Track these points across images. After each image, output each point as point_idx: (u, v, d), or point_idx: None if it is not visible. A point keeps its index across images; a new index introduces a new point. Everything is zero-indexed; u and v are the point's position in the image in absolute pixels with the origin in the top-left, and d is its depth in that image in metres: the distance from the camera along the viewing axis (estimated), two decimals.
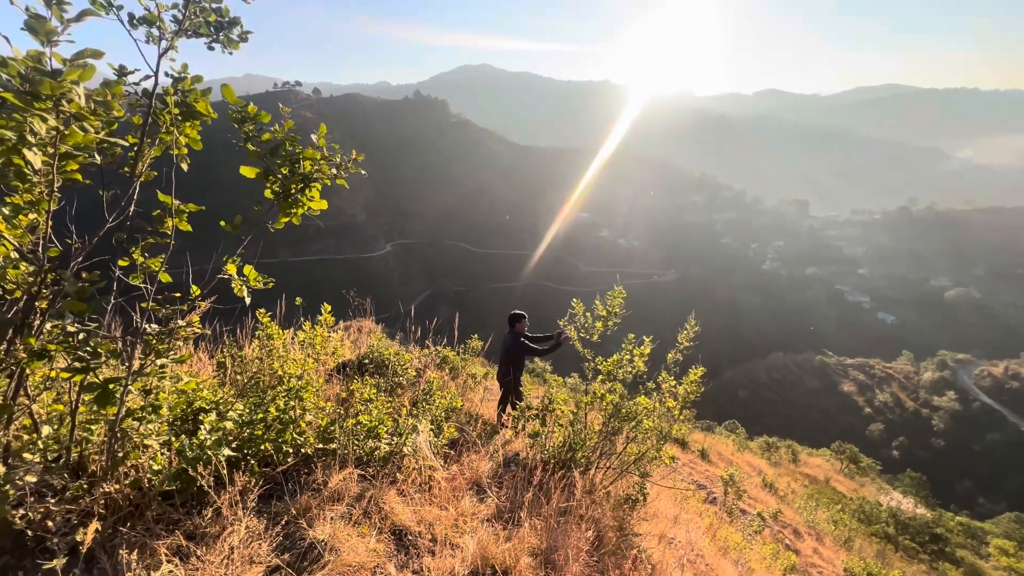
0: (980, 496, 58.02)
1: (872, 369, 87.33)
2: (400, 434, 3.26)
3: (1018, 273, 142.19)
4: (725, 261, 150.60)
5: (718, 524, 6.87)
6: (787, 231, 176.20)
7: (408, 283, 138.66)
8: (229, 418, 2.60)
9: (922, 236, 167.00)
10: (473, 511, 3.18)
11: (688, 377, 4.79)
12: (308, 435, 2.86)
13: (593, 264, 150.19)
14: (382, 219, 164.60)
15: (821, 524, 12.53)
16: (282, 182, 2.56)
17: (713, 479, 11.81)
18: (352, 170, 2.81)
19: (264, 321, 4.24)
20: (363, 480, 2.89)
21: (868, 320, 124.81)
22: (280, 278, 12.69)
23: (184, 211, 2.47)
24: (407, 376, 4.76)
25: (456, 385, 6.50)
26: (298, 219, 2.73)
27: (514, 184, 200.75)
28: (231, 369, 3.84)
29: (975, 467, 64.20)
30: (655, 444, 4.55)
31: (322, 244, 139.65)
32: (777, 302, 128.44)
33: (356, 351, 5.45)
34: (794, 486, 16.79)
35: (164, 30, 2.01)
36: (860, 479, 24.59)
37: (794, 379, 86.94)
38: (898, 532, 14.86)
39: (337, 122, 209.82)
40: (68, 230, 2.08)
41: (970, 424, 70.29)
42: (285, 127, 2.55)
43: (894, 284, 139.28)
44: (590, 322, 4.86)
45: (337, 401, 3.58)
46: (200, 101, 2.45)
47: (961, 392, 76.49)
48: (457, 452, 4.08)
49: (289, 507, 2.46)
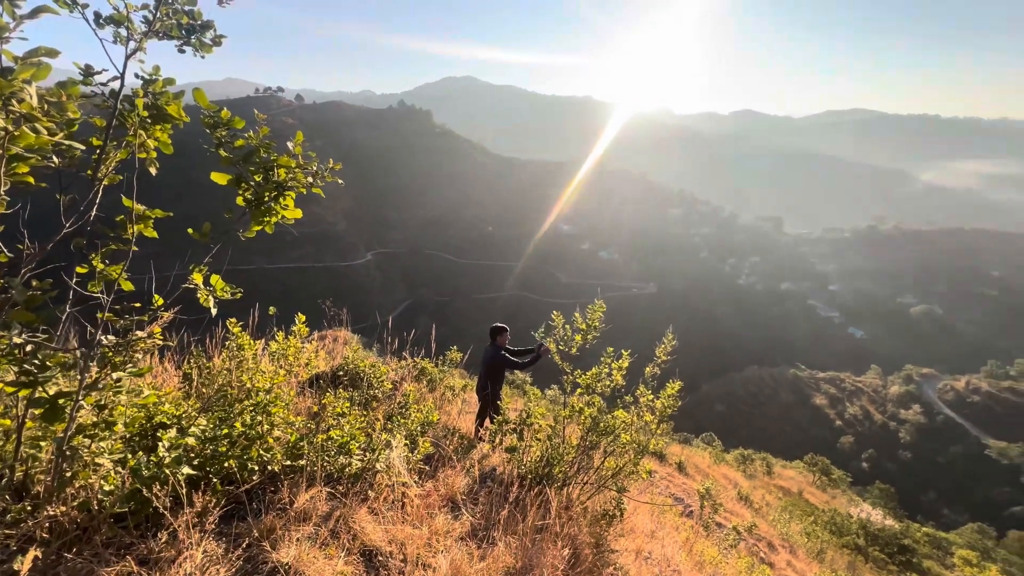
0: (944, 507, 59.82)
1: (843, 383, 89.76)
2: (373, 449, 3.16)
3: (977, 291, 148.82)
4: (703, 275, 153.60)
5: (694, 538, 6.87)
6: (762, 247, 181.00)
7: (388, 293, 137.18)
8: (191, 434, 2.47)
9: (889, 254, 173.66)
10: (447, 529, 3.10)
11: (666, 391, 4.81)
12: (276, 451, 2.75)
13: (574, 276, 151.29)
14: (363, 227, 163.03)
15: (795, 537, 12.68)
16: (255, 190, 2.49)
17: (690, 492, 11.87)
18: (329, 179, 2.75)
19: (234, 331, 4.10)
20: (333, 498, 2.78)
21: (839, 335, 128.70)
22: (255, 286, 12.73)
23: (150, 216, 2.37)
24: (383, 389, 4.66)
25: (433, 398, 6.40)
26: (271, 228, 2.66)
27: (497, 195, 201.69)
28: (197, 381, 3.69)
29: (939, 479, 66.26)
30: (633, 458, 4.54)
31: (300, 251, 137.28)
32: (753, 316, 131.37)
33: (331, 362, 5.32)
34: (769, 498, 16.99)
35: (133, 31, 1.94)
36: (832, 491, 25.07)
37: (769, 392, 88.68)
38: (868, 543, 15.14)
39: (319, 129, 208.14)
40: (21, 235, 1.97)
41: (934, 437, 72.70)
42: (260, 133, 2.49)
43: (863, 300, 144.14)
44: (569, 335, 4.86)
45: (308, 415, 3.47)
46: (172, 104, 2.38)
47: (926, 405, 79.17)
48: (432, 467, 3.99)
49: (252, 528, 2.34)
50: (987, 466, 65.84)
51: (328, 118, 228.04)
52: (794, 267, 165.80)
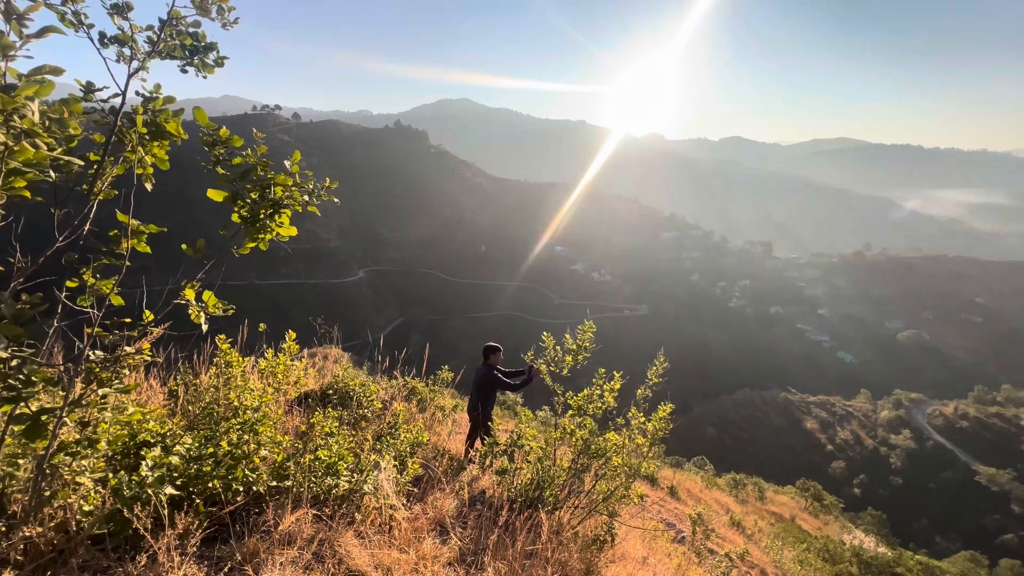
0: (937, 534, 59.32)
1: (833, 407, 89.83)
2: (361, 471, 3.11)
3: (963, 318, 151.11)
4: (694, 298, 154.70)
5: (687, 565, 6.75)
6: (752, 271, 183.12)
7: (380, 311, 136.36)
8: (175, 452, 2.42)
9: (876, 279, 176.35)
10: (435, 554, 3.03)
11: (657, 413, 4.80)
12: (262, 472, 2.69)
13: (567, 297, 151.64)
14: (356, 245, 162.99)
15: (787, 564, 12.50)
16: (251, 207, 2.51)
17: (682, 517, 11.71)
18: (325, 197, 2.78)
19: (223, 348, 4.05)
20: (319, 521, 2.72)
21: (828, 359, 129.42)
22: (246, 301, 12.63)
23: (144, 232, 2.38)
24: (372, 408, 4.60)
25: (424, 418, 6.32)
26: (265, 244, 2.67)
27: (491, 215, 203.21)
28: (183, 399, 3.63)
29: (931, 505, 65.91)
30: (624, 482, 4.49)
31: (292, 268, 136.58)
32: (744, 339, 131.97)
33: (321, 381, 5.25)
34: (761, 524, 16.79)
35: (136, 51, 1.99)
36: (824, 517, 24.83)
37: (761, 416, 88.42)
38: (862, 572, 14.96)
39: (315, 147, 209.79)
40: (13, 248, 1.96)
41: (925, 462, 72.59)
42: (258, 152, 2.52)
43: (851, 324, 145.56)
44: (560, 356, 4.86)
45: (296, 435, 3.41)
46: (171, 121, 2.41)
47: (916, 431, 79.28)
48: (421, 490, 3.92)
49: (235, 551, 2.28)
50: (978, 493, 65.70)
51: (325, 136, 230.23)
52: (783, 291, 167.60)
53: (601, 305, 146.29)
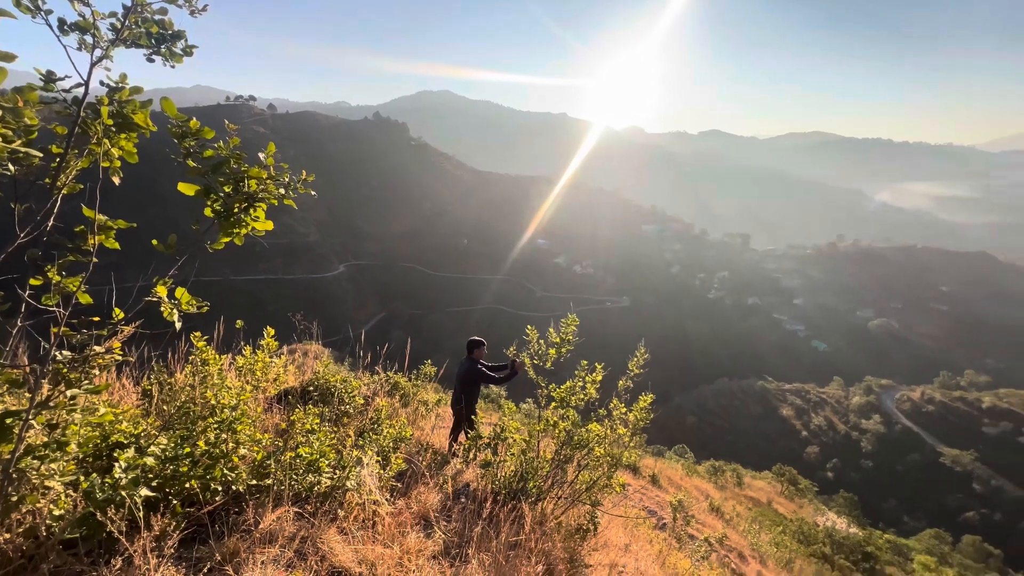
0: (904, 514, 61.95)
1: (808, 394, 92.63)
2: (343, 467, 3.09)
3: (929, 306, 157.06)
4: (674, 290, 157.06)
5: (667, 551, 6.91)
6: (731, 262, 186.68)
7: (361, 305, 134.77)
8: (150, 453, 2.36)
9: (848, 270, 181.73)
10: (419, 548, 3.04)
11: (638, 404, 4.87)
12: (241, 471, 2.65)
13: (549, 290, 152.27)
14: (335, 239, 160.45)
15: (764, 547, 12.90)
16: (224, 201, 2.44)
17: (663, 504, 11.96)
18: (302, 190, 2.72)
19: (199, 345, 3.96)
20: (301, 519, 2.70)
21: (803, 347, 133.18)
22: (222, 298, 12.32)
23: (112, 227, 2.30)
24: (354, 404, 4.56)
25: (407, 413, 6.30)
26: (240, 240, 2.60)
27: (472, 209, 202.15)
28: (158, 398, 3.54)
29: (899, 486, 68.73)
30: (606, 472, 4.56)
31: (270, 263, 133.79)
32: (723, 329, 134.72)
33: (301, 378, 5.18)
34: (739, 509, 17.26)
35: (99, 38, 1.90)
36: (799, 500, 25.65)
37: (739, 404, 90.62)
38: (834, 552, 15.55)
39: (292, 139, 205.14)
40: None
41: (893, 446, 75.58)
42: (230, 144, 2.45)
43: (825, 314, 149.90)
44: (543, 349, 4.88)
45: (276, 433, 3.36)
46: (138, 113, 2.33)
47: (885, 416, 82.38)
48: (405, 484, 3.92)
49: (214, 552, 2.24)
50: (942, 473, 68.80)
51: (301, 128, 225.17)
52: (761, 282, 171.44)
53: (584, 298, 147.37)
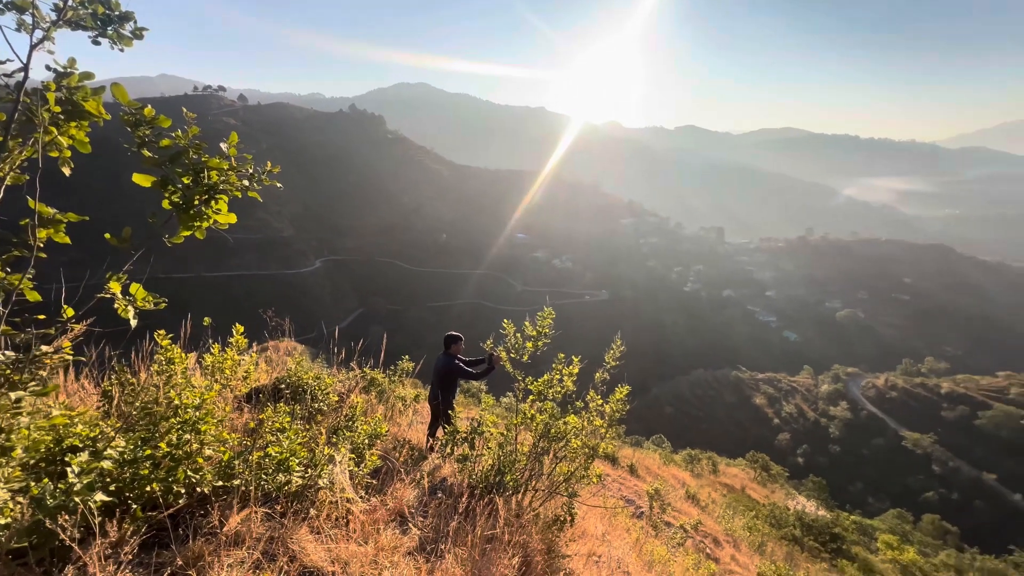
0: (869, 496, 64.67)
1: (779, 383, 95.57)
2: (315, 465, 3.03)
3: (892, 297, 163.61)
4: (652, 283, 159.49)
5: (644, 539, 7.05)
6: (706, 256, 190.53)
7: (339, 301, 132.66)
8: (107, 456, 2.26)
9: (817, 263, 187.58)
10: (395, 545, 3.01)
11: (614, 395, 4.93)
12: (206, 472, 2.56)
13: (529, 284, 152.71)
14: (311, 234, 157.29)
15: (738, 531, 13.28)
16: (183, 193, 2.35)
17: (641, 493, 12.18)
18: (267, 182, 2.63)
19: (163, 344, 3.82)
20: (270, 519, 2.63)
21: (775, 338, 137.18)
22: (194, 295, 12.00)
23: (61, 220, 2.18)
24: (328, 402, 4.48)
25: (384, 409, 6.23)
26: (202, 233, 2.51)
27: (451, 203, 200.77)
28: (118, 399, 3.40)
29: (864, 470, 71.69)
30: (583, 463, 4.60)
31: (243, 259, 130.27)
32: (698, 321, 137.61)
33: (271, 375, 5.06)
34: (714, 496, 17.72)
35: (40, 19, 1.79)
36: (771, 486, 26.48)
37: (714, 394, 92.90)
38: (804, 534, 16.11)
39: (265, 131, 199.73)
40: None
41: (859, 431, 78.72)
42: (189, 133, 2.35)
43: (796, 305, 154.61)
44: (520, 342, 4.88)
45: (244, 432, 3.27)
46: (90, 100, 2.21)
47: (852, 402, 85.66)
48: (380, 481, 3.87)
49: (176, 556, 2.17)
50: (904, 456, 72.04)
51: (274, 120, 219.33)
52: (735, 275, 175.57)
53: (563, 291, 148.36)
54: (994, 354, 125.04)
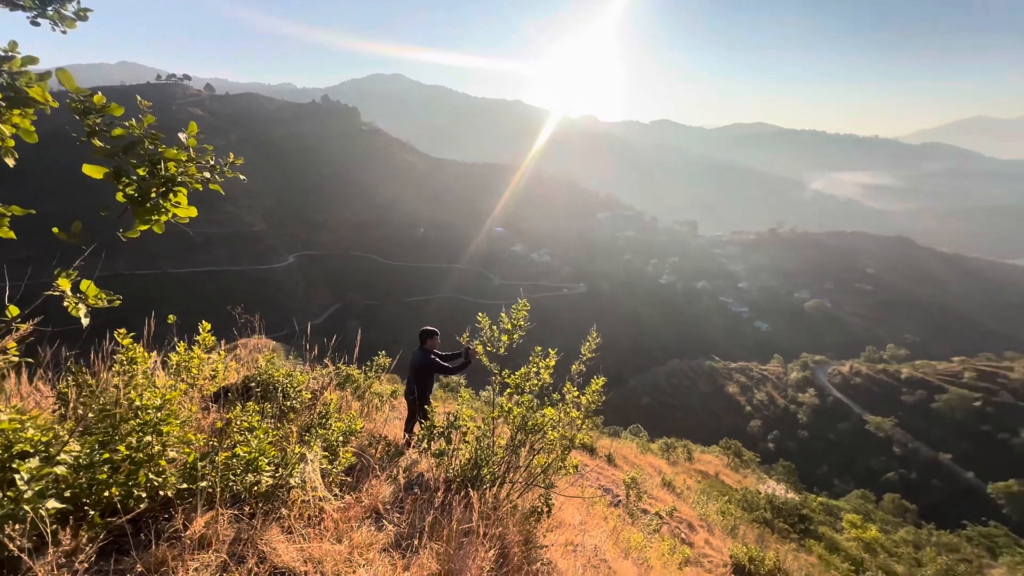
0: (835, 478, 67.46)
1: (751, 371, 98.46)
2: (287, 464, 2.96)
3: (857, 287, 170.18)
4: (628, 276, 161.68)
5: (621, 526, 7.18)
6: (680, 249, 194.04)
7: (314, 297, 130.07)
8: (61, 461, 2.16)
9: (787, 254, 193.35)
10: (370, 542, 2.98)
11: (591, 387, 4.98)
12: (169, 474, 2.48)
13: (507, 278, 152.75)
14: (284, 229, 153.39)
15: (712, 516, 13.68)
16: (139, 185, 2.24)
17: (618, 482, 12.40)
18: (229, 174, 2.54)
19: (124, 343, 3.66)
20: (239, 520, 2.57)
21: (747, 328, 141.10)
22: (160, 292, 11.58)
23: (5, 214, 2.06)
24: (300, 399, 4.39)
25: (360, 406, 6.15)
26: (160, 227, 2.40)
27: (428, 197, 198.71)
28: (75, 401, 3.25)
29: (830, 453, 74.71)
30: (560, 454, 4.64)
31: (212, 254, 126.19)
32: (673, 313, 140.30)
33: (239, 373, 4.93)
34: (689, 482, 18.19)
35: None
36: (743, 471, 27.34)
37: (689, 384, 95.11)
38: (774, 516, 16.71)
39: (233, 122, 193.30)
40: None
41: (826, 416, 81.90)
42: (144, 122, 2.24)
43: (767, 296, 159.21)
44: (496, 336, 4.87)
45: (211, 432, 3.17)
46: (35, 86, 2.08)
47: (819, 389, 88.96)
48: (356, 478, 3.82)
49: (137, 562, 2.09)
50: (867, 439, 75.34)
51: (243, 111, 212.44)
52: (708, 267, 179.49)
53: (541, 285, 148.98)
54: (950, 340, 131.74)
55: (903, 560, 21.48)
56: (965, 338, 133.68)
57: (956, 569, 20.83)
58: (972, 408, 74.70)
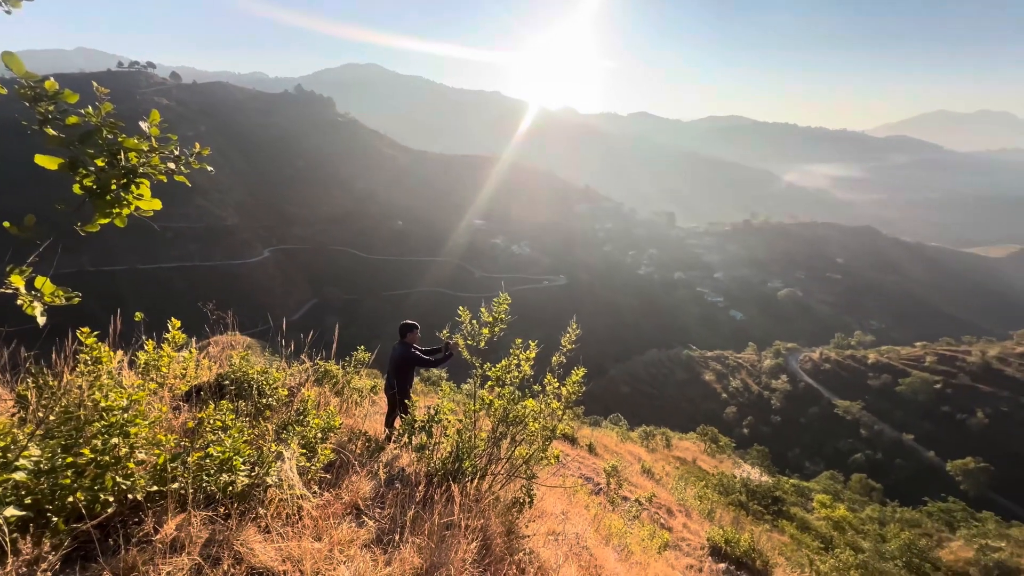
0: (806, 460, 70.04)
1: (727, 359, 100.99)
2: (263, 463, 2.90)
3: (826, 276, 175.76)
4: (607, 267, 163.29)
5: (602, 514, 7.29)
6: (658, 240, 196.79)
7: (291, 293, 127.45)
8: (20, 467, 2.06)
9: (760, 245, 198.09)
10: (351, 538, 2.95)
11: (571, 378, 5.01)
12: (138, 477, 2.39)
13: (488, 270, 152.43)
14: (258, 222, 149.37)
15: (689, 501, 14.03)
16: (98, 176, 2.13)
17: (599, 471, 12.59)
18: (196, 165, 2.44)
19: (88, 342, 3.51)
20: (214, 521, 2.50)
21: (722, 317, 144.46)
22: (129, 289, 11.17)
23: None
24: (277, 396, 4.30)
25: (340, 401, 6.06)
26: (122, 221, 2.29)
27: (407, 189, 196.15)
28: (35, 404, 3.11)
29: (802, 436, 77.47)
30: (541, 445, 4.67)
31: (183, 249, 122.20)
32: (651, 303, 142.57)
33: (211, 371, 4.79)
34: (668, 469, 18.61)
35: None
36: (720, 456, 28.11)
37: (667, 373, 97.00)
38: (748, 499, 17.25)
39: (204, 113, 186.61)
40: None
41: (797, 401, 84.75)
42: (101, 110, 2.13)
43: (741, 286, 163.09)
44: (477, 329, 4.86)
45: (183, 432, 3.08)
46: None
47: (791, 375, 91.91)
48: (335, 475, 3.77)
49: (105, 569, 2.02)
50: (836, 422, 78.34)
51: (213, 101, 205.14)
52: (685, 258, 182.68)
53: (522, 277, 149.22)
54: (912, 326, 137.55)
55: (869, 536, 22.48)
56: (926, 324, 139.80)
57: (918, 543, 21.90)
58: (933, 390, 78.33)
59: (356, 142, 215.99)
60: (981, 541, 22.93)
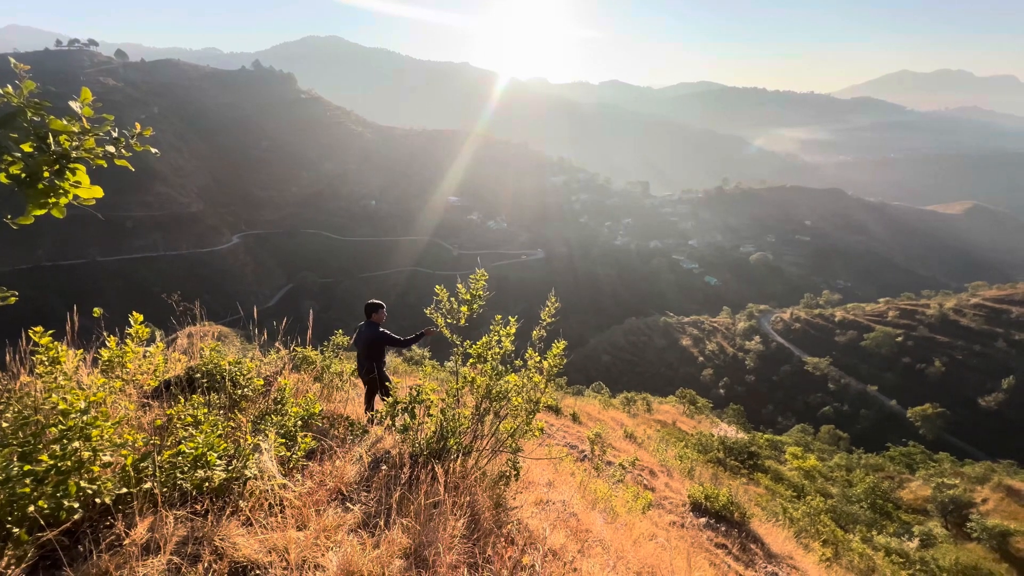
0: (779, 416, 73.48)
1: (703, 324, 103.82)
2: (241, 456, 2.82)
3: (796, 239, 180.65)
4: (584, 238, 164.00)
5: (588, 480, 7.49)
6: (633, 209, 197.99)
7: (264, 279, 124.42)
8: None
9: (732, 211, 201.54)
10: (337, 524, 2.93)
11: (551, 351, 5.03)
12: (105, 480, 2.29)
13: (466, 247, 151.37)
14: (224, 208, 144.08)
15: (670, 461, 14.56)
16: (26, 163, 1.95)
17: (583, 438, 12.90)
18: (138, 148, 2.25)
19: (42, 342, 3.31)
20: (191, 519, 2.43)
21: (698, 283, 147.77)
22: (91, 283, 10.64)
23: None
24: (252, 386, 4.18)
25: (319, 387, 5.96)
26: (61, 211, 2.12)
27: (377, 167, 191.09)
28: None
29: (774, 393, 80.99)
30: (525, 418, 4.71)
31: (147, 239, 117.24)
32: (629, 272, 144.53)
33: (180, 364, 4.62)
34: (649, 432, 19.22)
35: None
36: (698, 417, 29.18)
37: (646, 340, 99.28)
38: (726, 456, 18.03)
39: (155, 93, 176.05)
40: None
41: (770, 360, 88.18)
42: (24, 90, 1.93)
43: (715, 252, 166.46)
44: (456, 307, 4.79)
45: (152, 430, 2.97)
46: None
47: (763, 336, 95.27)
48: (319, 461, 3.72)
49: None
50: (806, 378, 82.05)
51: (165, 80, 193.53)
52: (660, 226, 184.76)
53: (500, 253, 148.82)
54: (876, 283, 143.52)
55: (837, 483, 23.89)
56: (889, 280, 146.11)
57: (881, 485, 23.44)
58: (895, 343, 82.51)
59: (322, 120, 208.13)
60: (938, 480, 24.66)
